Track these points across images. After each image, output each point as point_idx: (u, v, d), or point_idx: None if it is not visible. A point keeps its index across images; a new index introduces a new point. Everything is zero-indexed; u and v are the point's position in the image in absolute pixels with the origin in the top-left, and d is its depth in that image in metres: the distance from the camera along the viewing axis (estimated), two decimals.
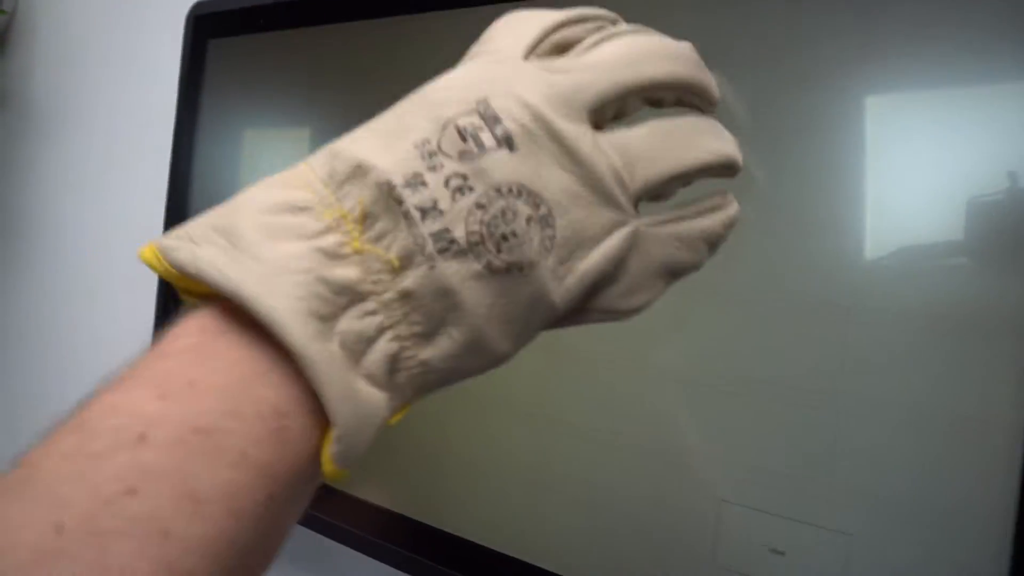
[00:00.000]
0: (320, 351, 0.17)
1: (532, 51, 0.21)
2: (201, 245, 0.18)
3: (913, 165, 0.25)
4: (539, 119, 0.19)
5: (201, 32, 0.50)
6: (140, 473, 0.15)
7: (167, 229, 0.50)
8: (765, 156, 0.27)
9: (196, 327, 0.18)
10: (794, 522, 0.26)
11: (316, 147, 0.19)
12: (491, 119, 0.19)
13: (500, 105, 0.19)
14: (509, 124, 0.19)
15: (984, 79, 0.24)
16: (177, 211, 0.51)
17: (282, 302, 0.17)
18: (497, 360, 0.21)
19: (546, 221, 0.19)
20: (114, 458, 0.15)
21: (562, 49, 0.21)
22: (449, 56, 0.37)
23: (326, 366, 0.17)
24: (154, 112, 0.67)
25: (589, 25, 0.21)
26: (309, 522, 0.39)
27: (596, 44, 0.20)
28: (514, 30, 0.22)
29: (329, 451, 0.17)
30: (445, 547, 0.34)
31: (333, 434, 0.17)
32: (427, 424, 0.36)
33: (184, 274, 0.17)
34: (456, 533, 0.34)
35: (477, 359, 0.20)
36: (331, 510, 0.38)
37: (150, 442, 0.15)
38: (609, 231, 0.20)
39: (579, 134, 0.19)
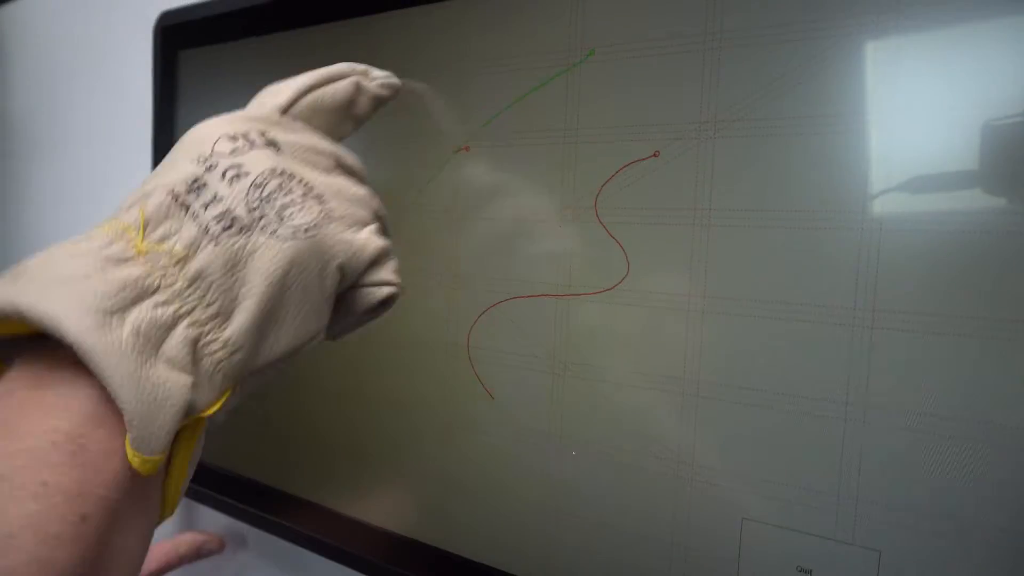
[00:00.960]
0: (100, 338, 0.18)
1: (286, 110, 0.25)
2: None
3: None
4: (294, 134, 0.24)
5: (170, 44, 0.48)
6: None
7: None
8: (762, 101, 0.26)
9: None
10: (821, 539, 0.25)
11: None
12: (257, 132, 0.23)
13: (263, 126, 0.24)
14: (272, 135, 0.24)
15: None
16: None
17: (59, 304, 0.18)
18: (306, 335, 0.23)
19: (320, 198, 0.23)
20: None
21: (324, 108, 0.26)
22: (425, 58, 0.35)
23: (107, 350, 0.18)
24: (131, 124, 0.65)
25: (341, 82, 0.26)
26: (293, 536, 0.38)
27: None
28: (273, 95, 0.26)
29: (129, 438, 0.18)
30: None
31: (125, 419, 0.18)
32: (444, 445, 0.35)
33: None
34: (473, 558, 0.33)
35: (284, 332, 0.22)
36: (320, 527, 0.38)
37: None
38: (365, 223, 0.24)
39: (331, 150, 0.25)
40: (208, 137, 0.23)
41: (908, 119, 0.23)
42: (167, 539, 0.48)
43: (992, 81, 0.22)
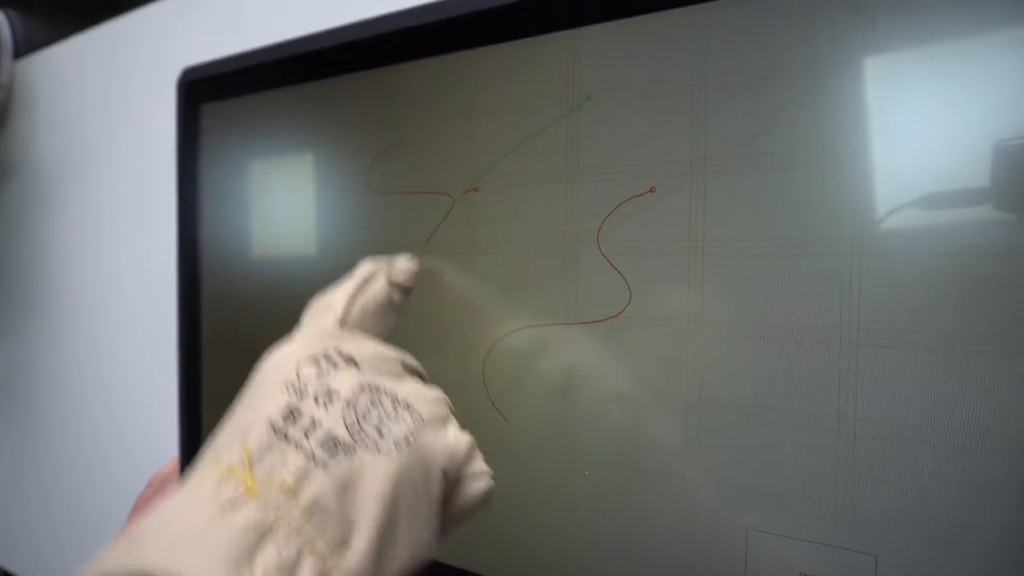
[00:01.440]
0: None
1: (344, 322, 0.27)
2: (106, 554, 0.19)
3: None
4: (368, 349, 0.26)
5: (193, 98, 0.51)
6: None
7: (181, 283, 0.51)
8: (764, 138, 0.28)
9: None
10: (822, 546, 0.27)
11: (320, 191, 0.21)
12: (334, 351, 0.24)
13: (334, 343, 0.25)
14: (346, 351, 0.25)
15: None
16: (189, 268, 0.52)
17: (187, 560, 0.18)
18: (422, 547, 0.22)
19: (409, 407, 0.24)
20: None
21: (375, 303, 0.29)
22: (435, 106, 0.38)
23: None
24: (155, 171, 0.68)
25: (377, 284, 0.29)
26: None
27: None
28: (326, 311, 0.28)
29: None
30: None
31: None
32: None
33: None
34: (479, 572, 0.35)
35: (400, 549, 0.22)
36: None
37: None
38: (447, 420, 0.25)
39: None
40: (289, 363, 0.24)
41: (877, 155, 0.25)
42: None
43: (959, 121, 0.24)
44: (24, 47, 0.82)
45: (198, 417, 0.52)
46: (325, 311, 0.27)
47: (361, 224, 0.41)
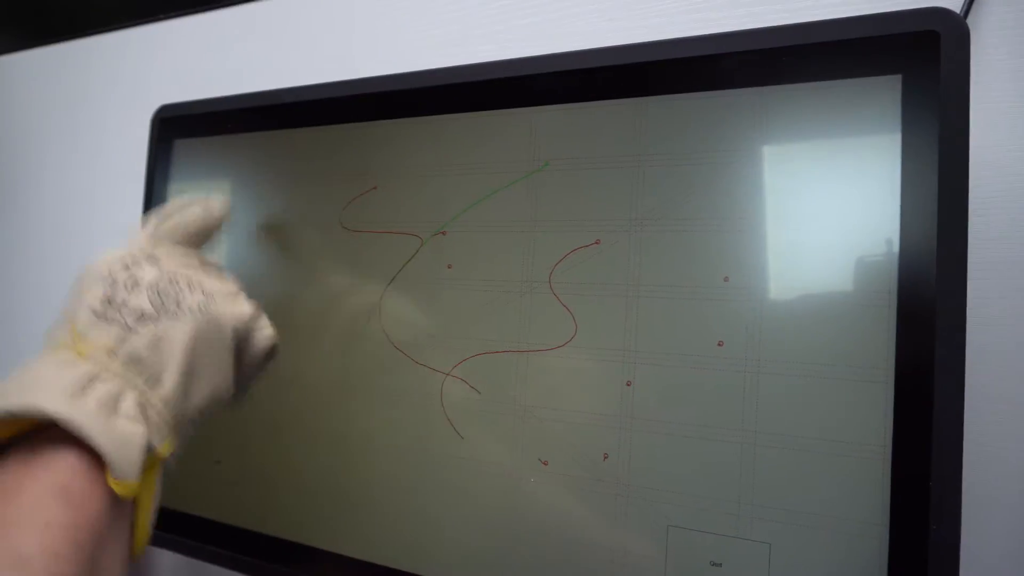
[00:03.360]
0: (74, 410, 0.25)
1: (152, 234, 0.36)
2: None
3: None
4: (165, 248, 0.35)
5: (167, 133, 0.54)
6: None
7: None
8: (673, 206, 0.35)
9: None
10: (727, 538, 0.33)
11: (294, 226, 0.28)
12: (140, 253, 0.33)
13: (142, 248, 0.34)
14: (149, 252, 0.33)
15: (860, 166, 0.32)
16: None
17: (37, 396, 0.25)
18: (219, 385, 0.32)
19: (200, 285, 0.32)
20: None
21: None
22: (411, 160, 0.43)
23: (81, 416, 0.25)
24: (102, 189, 0.69)
25: (191, 208, 0.37)
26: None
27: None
28: (141, 226, 0.36)
29: (109, 473, 0.25)
30: None
31: (104, 457, 0.25)
32: (418, 481, 0.40)
33: None
34: (415, 572, 0.39)
35: (203, 385, 0.31)
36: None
37: None
38: (236, 294, 0.34)
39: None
40: (103, 266, 0.32)
41: (777, 221, 0.33)
42: None
43: (828, 203, 0.32)
44: None
45: None
46: (138, 227, 0.36)
47: (332, 258, 0.45)
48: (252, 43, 0.64)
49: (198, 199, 0.38)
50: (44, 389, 0.26)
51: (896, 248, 0.30)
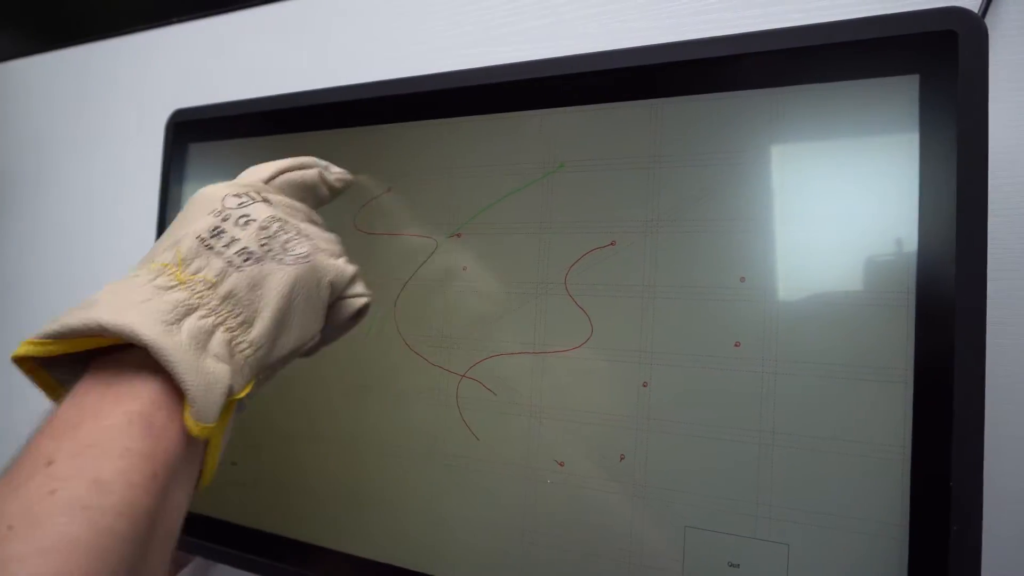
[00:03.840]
0: (168, 341, 0.25)
1: (267, 182, 0.34)
2: (71, 315, 0.25)
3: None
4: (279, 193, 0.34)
5: (182, 137, 0.54)
6: (53, 479, 0.22)
7: None
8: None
9: (74, 393, 0.25)
10: (745, 538, 0.33)
11: None
12: (254, 191, 0.32)
13: (256, 188, 0.32)
14: (264, 194, 0.32)
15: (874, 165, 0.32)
16: None
17: (133, 318, 0.25)
18: (307, 335, 0.31)
19: (308, 236, 0.31)
20: (33, 478, 0.22)
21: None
22: (422, 162, 0.43)
23: (173, 349, 0.25)
24: (111, 192, 0.70)
25: (308, 171, 0.36)
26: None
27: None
28: (257, 171, 0.35)
29: (189, 413, 0.25)
30: None
31: (188, 397, 0.25)
32: (434, 481, 0.41)
33: (57, 335, 0.25)
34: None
35: (292, 333, 0.30)
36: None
37: (56, 462, 0.22)
38: (339, 255, 0.34)
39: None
40: (216, 196, 0.31)
41: (793, 221, 0.33)
42: None
43: (842, 203, 0.32)
44: None
45: None
46: (256, 171, 0.34)
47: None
48: (267, 45, 0.65)
49: (321, 164, 0.37)
50: (140, 311, 0.25)
51: (915, 247, 0.30)
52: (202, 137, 0.54)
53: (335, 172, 0.37)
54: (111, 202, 0.70)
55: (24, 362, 0.25)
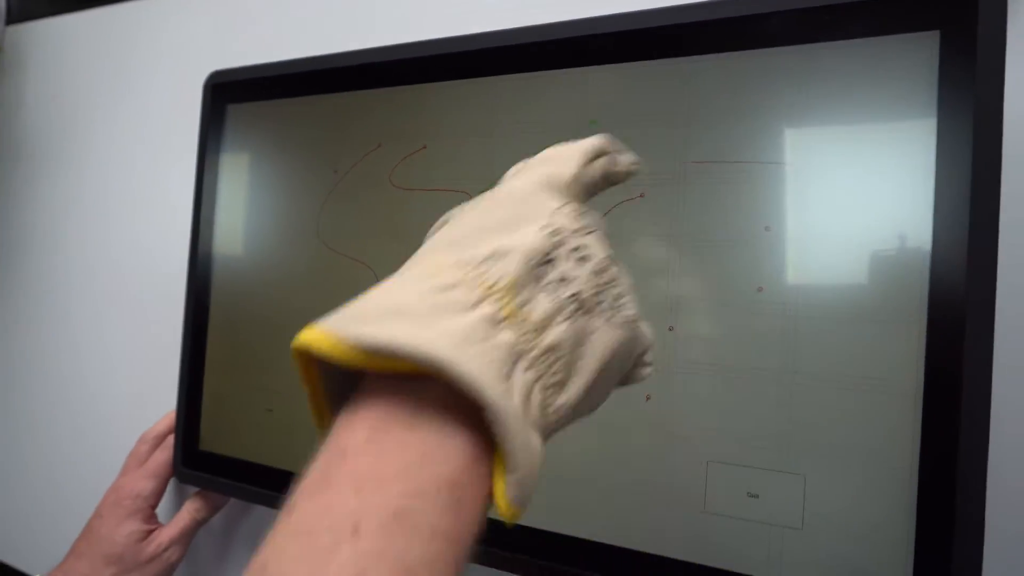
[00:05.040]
0: (507, 405, 0.20)
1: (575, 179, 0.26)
2: (383, 323, 0.20)
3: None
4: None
5: (220, 99, 0.56)
6: (362, 558, 0.17)
7: (191, 273, 0.55)
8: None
9: (365, 424, 0.20)
10: (763, 470, 0.35)
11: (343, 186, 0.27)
12: (587, 211, 0.25)
13: (583, 205, 0.25)
14: (592, 214, 0.25)
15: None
16: (200, 258, 0.56)
17: (472, 365, 0.20)
18: (598, 403, 0.26)
19: (632, 291, 0.26)
20: (339, 552, 0.17)
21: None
22: (458, 122, 0.45)
23: (512, 418, 0.20)
24: (145, 154, 0.71)
25: (599, 160, 0.27)
26: None
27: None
28: (561, 158, 0.26)
29: (508, 495, 0.20)
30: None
31: (512, 478, 0.20)
32: None
33: (371, 349, 0.20)
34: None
35: (590, 402, 0.25)
36: None
37: (362, 532, 0.18)
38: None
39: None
40: (548, 200, 0.24)
41: (809, 176, 0.35)
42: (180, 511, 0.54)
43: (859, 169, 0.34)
44: (17, 14, 0.84)
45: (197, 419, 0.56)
46: (562, 157, 0.26)
47: (384, 215, 0.47)
48: (305, 6, 0.66)
49: (624, 150, 0.28)
50: (479, 356, 0.20)
51: (931, 200, 0.32)
52: (241, 98, 0.56)
53: (627, 159, 0.28)
54: (148, 164, 0.72)
55: (304, 355, 0.22)
